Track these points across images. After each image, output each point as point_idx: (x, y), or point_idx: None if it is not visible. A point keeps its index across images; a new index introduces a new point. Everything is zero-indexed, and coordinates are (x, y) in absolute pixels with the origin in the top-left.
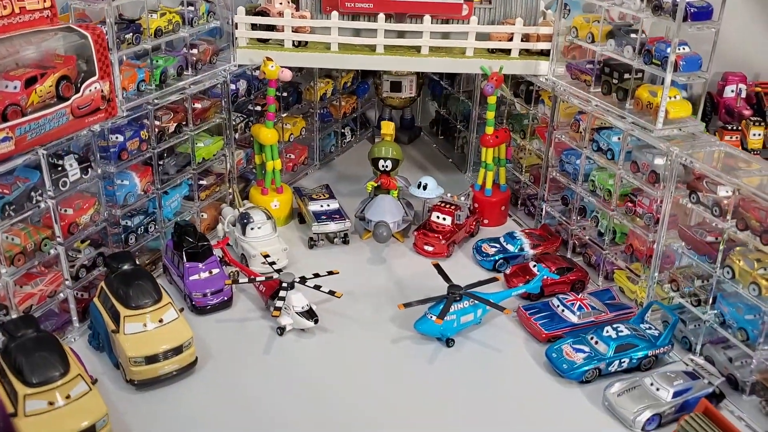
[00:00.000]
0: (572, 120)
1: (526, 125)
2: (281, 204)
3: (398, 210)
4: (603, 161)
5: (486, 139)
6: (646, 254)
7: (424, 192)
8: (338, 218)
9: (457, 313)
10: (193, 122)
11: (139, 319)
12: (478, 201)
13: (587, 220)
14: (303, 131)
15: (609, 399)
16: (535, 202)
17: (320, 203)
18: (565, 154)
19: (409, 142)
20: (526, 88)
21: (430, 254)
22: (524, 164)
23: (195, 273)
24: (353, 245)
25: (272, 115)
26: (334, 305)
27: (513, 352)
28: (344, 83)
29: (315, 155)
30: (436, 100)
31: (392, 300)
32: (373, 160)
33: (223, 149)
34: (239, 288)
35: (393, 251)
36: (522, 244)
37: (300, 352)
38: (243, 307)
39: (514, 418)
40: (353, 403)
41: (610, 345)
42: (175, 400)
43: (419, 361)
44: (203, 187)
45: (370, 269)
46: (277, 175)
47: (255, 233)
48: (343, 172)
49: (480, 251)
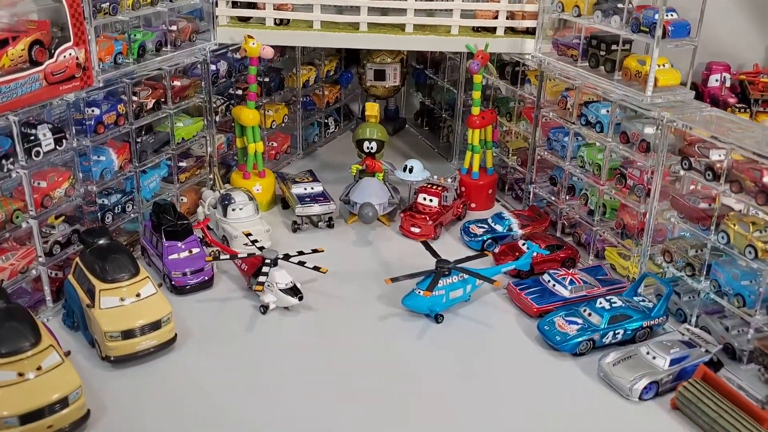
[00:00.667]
0: (559, 97)
1: (512, 108)
2: (264, 188)
3: (384, 192)
4: (592, 135)
5: (472, 119)
6: (637, 228)
7: (410, 175)
8: (323, 200)
9: (446, 288)
10: (173, 100)
11: (115, 293)
12: (465, 185)
13: (576, 199)
14: (285, 119)
15: (604, 369)
16: (523, 186)
17: (304, 186)
18: (552, 132)
19: (394, 134)
20: (512, 70)
21: (417, 236)
22: (511, 148)
23: (174, 252)
24: (338, 229)
25: (253, 95)
26: (318, 285)
27: (504, 327)
28: (327, 71)
29: (298, 144)
30: (421, 91)
31: (379, 280)
32: (357, 142)
33: (204, 131)
34: (220, 269)
35: (379, 234)
36: (510, 224)
37: (284, 330)
38: (224, 288)
39: (508, 392)
40: (340, 382)
41: (604, 316)
42: (153, 377)
43: (408, 337)
44: (183, 169)
45: (355, 251)
46: (259, 159)
47: (237, 214)
48: (327, 161)
49: (468, 232)
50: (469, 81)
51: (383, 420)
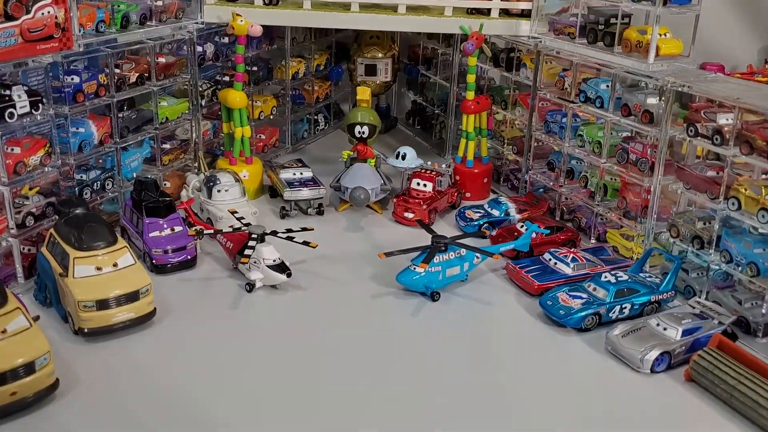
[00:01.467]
0: (556, 78)
1: (507, 96)
2: (251, 175)
3: (376, 178)
4: (591, 111)
5: (467, 105)
6: (641, 205)
7: (403, 162)
8: (312, 185)
9: (443, 264)
10: (157, 77)
11: (90, 262)
12: (460, 173)
13: (575, 183)
14: (274, 110)
15: (612, 341)
16: (519, 176)
17: (293, 171)
18: (550, 115)
19: (386, 132)
20: (507, 56)
21: (411, 222)
22: (506, 137)
23: (155, 229)
24: (329, 216)
25: (241, 75)
26: (308, 265)
27: (504, 305)
28: (317, 65)
29: (287, 139)
30: (412, 89)
31: (371, 261)
32: (348, 126)
33: (189, 113)
34: (204, 250)
35: (371, 221)
36: (508, 208)
37: (271, 308)
38: (208, 268)
39: (513, 369)
40: (332, 360)
41: (610, 290)
42: (129, 352)
43: (403, 314)
44: (166, 151)
45: (347, 236)
46: (246, 144)
47: (222, 196)
48: (316, 155)
49: (463, 217)
50: (462, 74)
51: (379, 399)
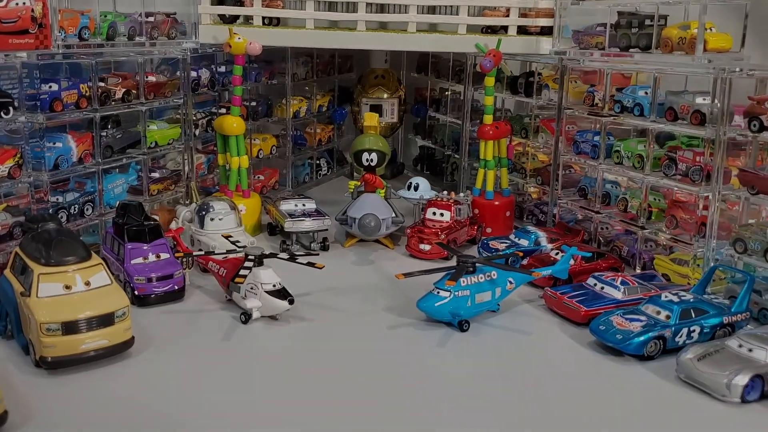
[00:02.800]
0: (584, 95)
1: (528, 123)
2: (248, 210)
3: (387, 208)
4: (630, 122)
5: (485, 130)
6: (696, 222)
7: (415, 193)
8: (316, 215)
9: (471, 289)
10: (146, 96)
11: (58, 279)
12: (479, 206)
13: (612, 208)
14: (274, 150)
15: (686, 366)
16: (545, 209)
17: (294, 202)
18: (579, 135)
19: (393, 177)
20: (525, 80)
21: (428, 255)
22: (528, 169)
23: (138, 255)
24: (335, 251)
25: (238, 99)
26: (314, 297)
27: (546, 335)
28: (319, 106)
29: (287, 181)
30: (420, 133)
31: (385, 293)
32: (355, 154)
33: (180, 140)
34: (194, 283)
35: (382, 255)
36: (538, 237)
37: (270, 341)
38: (198, 300)
39: (567, 406)
40: (342, 405)
41: (674, 310)
42: (98, 387)
43: (427, 347)
44: (155, 180)
45: (356, 269)
46: (244, 176)
47: (216, 225)
48: (320, 199)
49: (487, 248)
50: (476, 111)
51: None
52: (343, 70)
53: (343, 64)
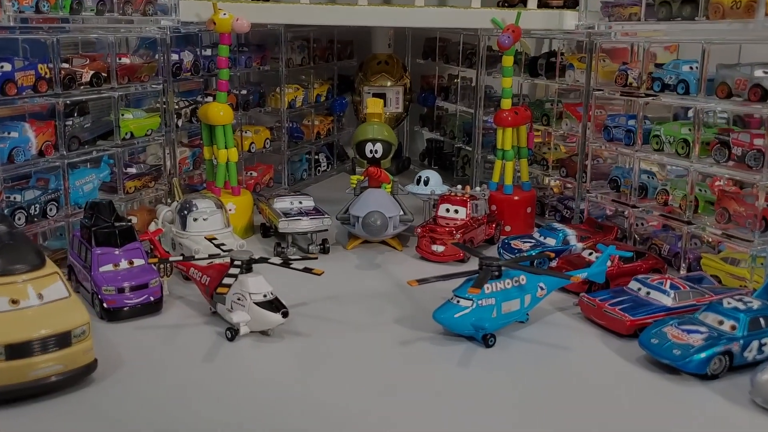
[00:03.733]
0: (616, 74)
1: (549, 109)
2: (238, 209)
3: (394, 205)
4: (672, 101)
5: (503, 116)
6: (757, 215)
7: (426, 188)
8: (314, 214)
9: (497, 296)
10: (118, 80)
11: (4, 291)
12: (497, 202)
13: (651, 201)
14: (267, 144)
15: (763, 388)
16: (571, 204)
17: (290, 199)
18: (610, 120)
19: (398, 173)
20: (546, 61)
21: (441, 257)
22: (550, 159)
23: (107, 262)
24: (336, 254)
25: (224, 84)
26: (311, 308)
27: (586, 349)
28: (317, 95)
29: (283, 178)
30: (428, 125)
31: (394, 302)
32: (358, 145)
33: (160, 132)
34: (174, 294)
35: (389, 258)
36: (566, 235)
37: (260, 362)
38: (178, 313)
39: None
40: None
41: (740, 319)
42: (51, 424)
43: (447, 365)
44: (131, 176)
45: (360, 274)
46: (233, 171)
47: (200, 225)
48: (319, 197)
49: (509, 249)
50: (489, 98)
51: None
52: (343, 57)
53: (342, 50)
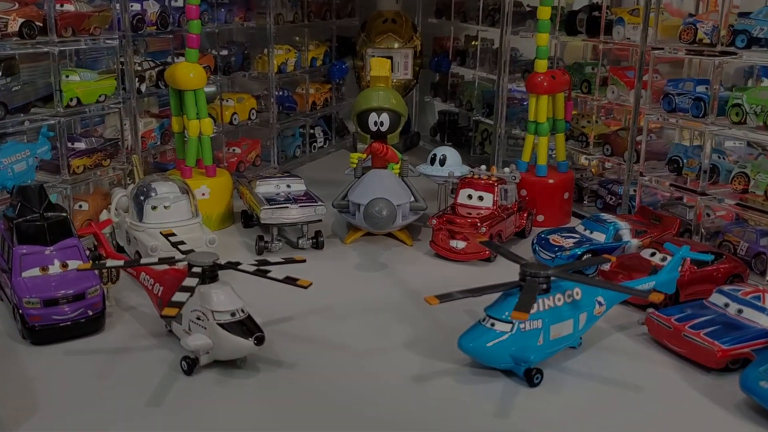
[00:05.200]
0: (681, 29)
1: (591, 74)
2: (214, 193)
3: (403, 190)
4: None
5: (536, 81)
6: None
7: (442, 169)
8: (306, 201)
9: (545, 318)
10: (59, 31)
11: None
12: (527, 186)
13: (726, 186)
14: (253, 115)
15: None
16: (614, 188)
17: (276, 183)
18: (672, 85)
19: (406, 150)
20: (588, 16)
21: (462, 255)
22: (590, 134)
23: (33, 264)
24: (331, 249)
25: (195, 38)
26: (297, 324)
27: (664, 390)
28: (312, 59)
29: (272, 156)
30: (440, 93)
31: (404, 316)
32: (359, 116)
33: (116, 97)
34: (122, 304)
35: (397, 256)
36: (618, 229)
37: (225, 404)
38: (125, 332)
39: None
40: None
41: None
42: None
43: (480, 416)
44: (79, 153)
45: (361, 278)
46: (207, 146)
47: (159, 215)
48: (314, 178)
49: (547, 246)
50: (515, 63)
51: None
52: (343, 14)
53: (342, 6)
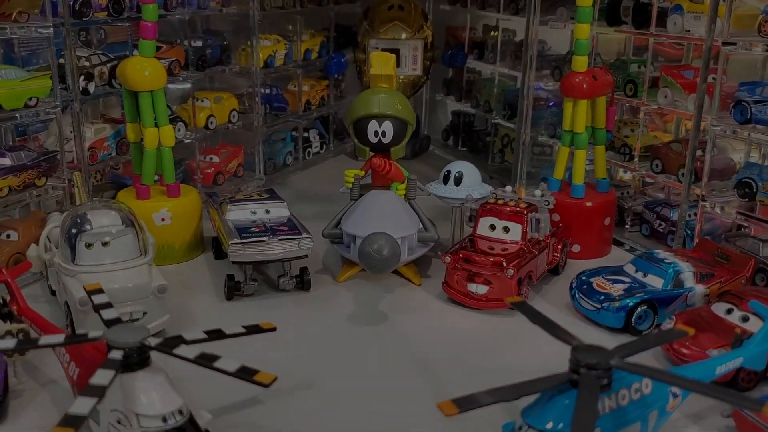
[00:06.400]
0: (759, 20)
1: (637, 73)
2: (176, 218)
3: (409, 218)
4: None
5: (574, 83)
6: None
7: (457, 190)
8: (288, 233)
9: (603, 425)
10: None
11: None
12: (561, 210)
13: None
14: (234, 117)
15: None
16: (663, 211)
17: (251, 207)
18: (746, 89)
19: (414, 157)
20: (635, 3)
21: (484, 303)
22: (633, 146)
23: None
24: (319, 291)
25: (151, 27)
26: (264, 412)
27: None
28: (306, 51)
29: (256, 164)
30: (454, 91)
31: (411, 400)
32: (357, 123)
33: (52, 97)
34: (39, 375)
35: (402, 300)
36: (680, 271)
37: None
38: (33, 420)
39: None
40: None
41: None
42: None
43: None
44: (2, 170)
45: (354, 335)
46: (167, 158)
47: (96, 255)
48: (306, 191)
49: (589, 293)
50: (542, 57)
51: None
52: (343, 0)
53: None
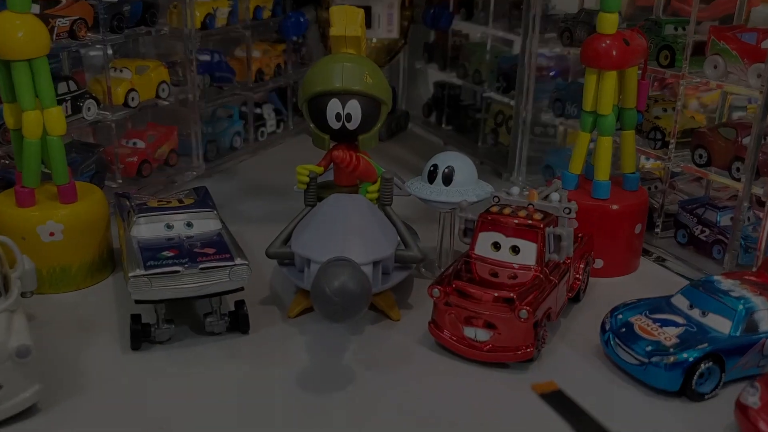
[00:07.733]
0: None
1: (674, 37)
2: (71, 230)
3: (384, 233)
4: None
5: (598, 48)
6: None
7: (447, 191)
8: (213, 256)
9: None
10: None
11: None
12: (581, 214)
13: None
14: (164, 91)
15: None
16: (707, 215)
17: (166, 220)
18: None
19: (390, 137)
20: None
21: (487, 355)
22: (668, 130)
23: None
24: (263, 332)
25: None
26: None
27: None
28: (257, 8)
29: (194, 149)
30: (436, 58)
31: None
32: (312, 102)
33: None
34: None
35: (374, 347)
36: (753, 308)
37: None
38: None
39: None
40: None
41: None
42: None
43: None
44: None
45: (308, 404)
46: (57, 153)
47: None
48: (258, 184)
49: (630, 339)
50: (548, 19)
51: None
52: None
53: None
